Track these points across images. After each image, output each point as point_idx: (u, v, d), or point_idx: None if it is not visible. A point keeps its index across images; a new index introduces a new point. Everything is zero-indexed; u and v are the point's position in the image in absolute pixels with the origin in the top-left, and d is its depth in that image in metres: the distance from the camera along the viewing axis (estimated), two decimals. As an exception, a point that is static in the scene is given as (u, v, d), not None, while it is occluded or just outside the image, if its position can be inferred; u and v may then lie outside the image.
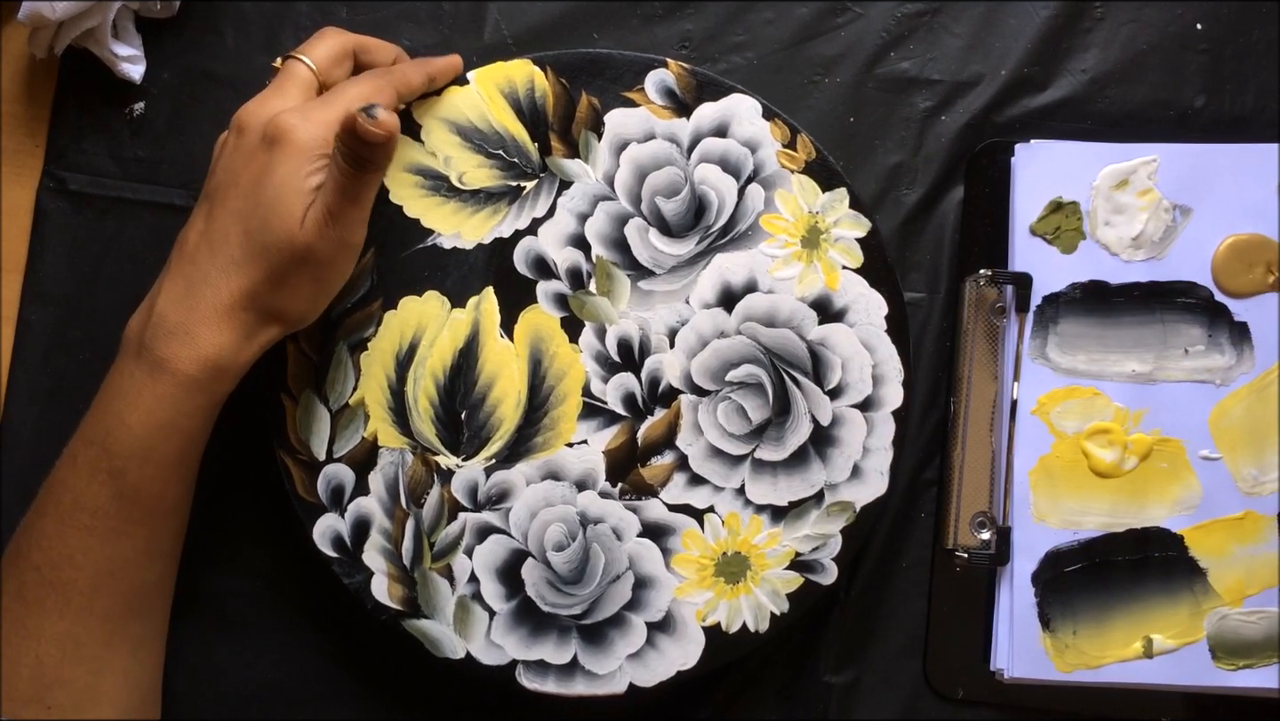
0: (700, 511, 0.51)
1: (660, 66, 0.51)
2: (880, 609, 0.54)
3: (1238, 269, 0.53)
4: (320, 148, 0.44)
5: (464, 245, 0.51)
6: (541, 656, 0.50)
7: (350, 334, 0.50)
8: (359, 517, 0.50)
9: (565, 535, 0.51)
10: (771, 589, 0.51)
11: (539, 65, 0.51)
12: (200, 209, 0.46)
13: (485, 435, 0.51)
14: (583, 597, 0.51)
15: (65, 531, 0.45)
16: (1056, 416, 0.53)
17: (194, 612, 0.53)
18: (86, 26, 0.51)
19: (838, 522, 0.51)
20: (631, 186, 0.51)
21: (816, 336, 0.51)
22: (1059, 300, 0.53)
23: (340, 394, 0.50)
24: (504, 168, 0.51)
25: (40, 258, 0.54)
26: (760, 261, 0.51)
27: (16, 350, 0.54)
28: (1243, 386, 0.53)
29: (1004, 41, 0.54)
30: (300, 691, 0.53)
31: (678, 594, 0.51)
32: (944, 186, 0.54)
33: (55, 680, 0.45)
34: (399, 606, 0.50)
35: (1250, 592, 0.53)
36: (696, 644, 0.51)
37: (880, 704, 0.54)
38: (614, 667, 0.50)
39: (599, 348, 0.51)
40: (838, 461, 0.51)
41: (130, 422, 0.44)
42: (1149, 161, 0.53)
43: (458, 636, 0.50)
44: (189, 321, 0.44)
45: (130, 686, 0.47)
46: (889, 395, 0.51)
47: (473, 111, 0.51)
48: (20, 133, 0.54)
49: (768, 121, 0.51)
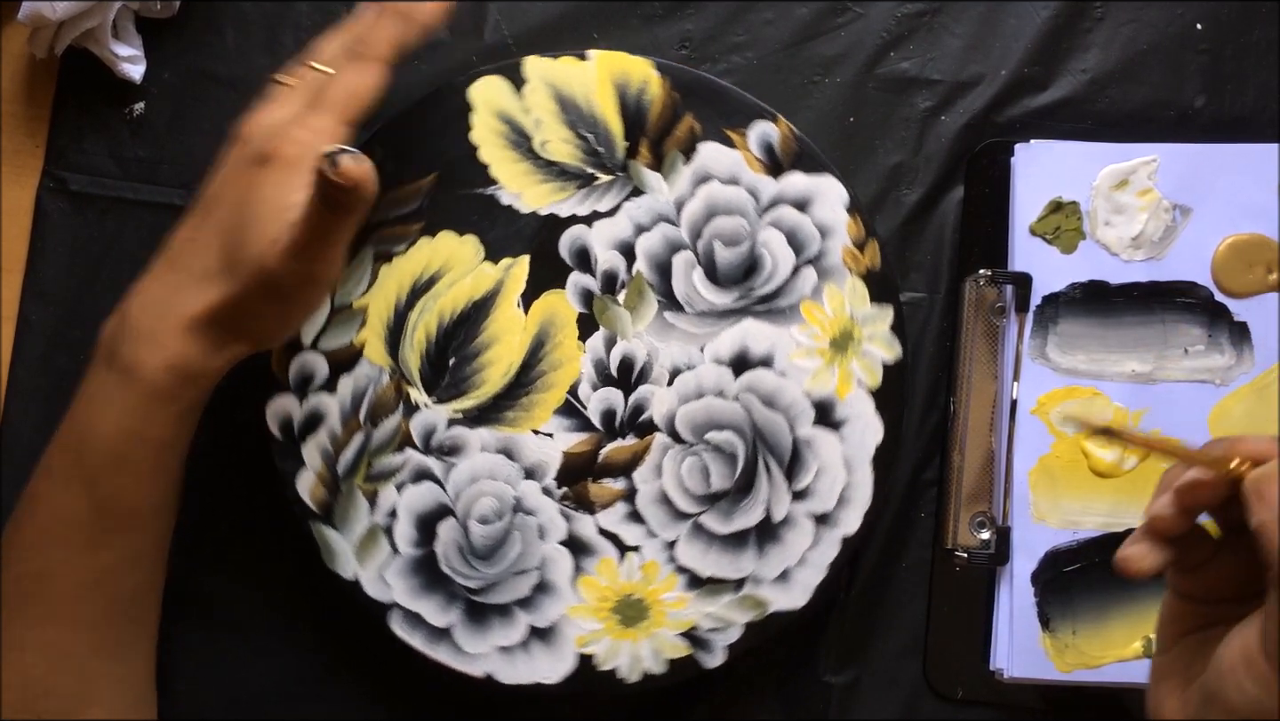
0: (626, 546, 0.51)
1: (770, 120, 0.51)
2: (880, 609, 0.54)
3: (1238, 269, 0.53)
4: (311, 163, 0.42)
5: (520, 207, 0.51)
6: (421, 611, 0.50)
7: (381, 242, 0.50)
8: (315, 411, 0.50)
9: (494, 511, 0.51)
10: (656, 648, 0.50)
11: (660, 71, 0.51)
12: (193, 213, 0.45)
13: (463, 388, 0.51)
14: (483, 576, 0.50)
15: (44, 542, 0.44)
16: (1056, 416, 0.53)
17: (193, 613, 0.53)
18: (86, 26, 0.51)
19: (746, 615, 0.51)
20: (697, 220, 0.51)
21: (805, 435, 0.51)
22: (1059, 300, 0.53)
23: (347, 292, 0.50)
24: (587, 152, 0.51)
25: (40, 258, 0.54)
26: (785, 342, 0.51)
27: (16, 350, 0.54)
28: (1243, 386, 0.53)
29: (1004, 41, 0.54)
30: (299, 691, 0.53)
31: (570, 612, 0.50)
32: (944, 186, 0.54)
33: (44, 689, 0.44)
34: (315, 508, 0.50)
35: (1250, 592, 0.53)
36: (566, 664, 0.50)
37: (880, 704, 0.54)
38: (482, 651, 0.50)
39: (602, 356, 0.51)
40: (772, 559, 0.51)
41: (101, 431, 0.43)
42: (1149, 161, 0.53)
43: (356, 560, 0.50)
44: (159, 329, 0.43)
45: (121, 692, 0.47)
46: (847, 519, 0.51)
47: (580, 88, 0.51)
48: (20, 133, 0.54)
49: (848, 215, 0.51)
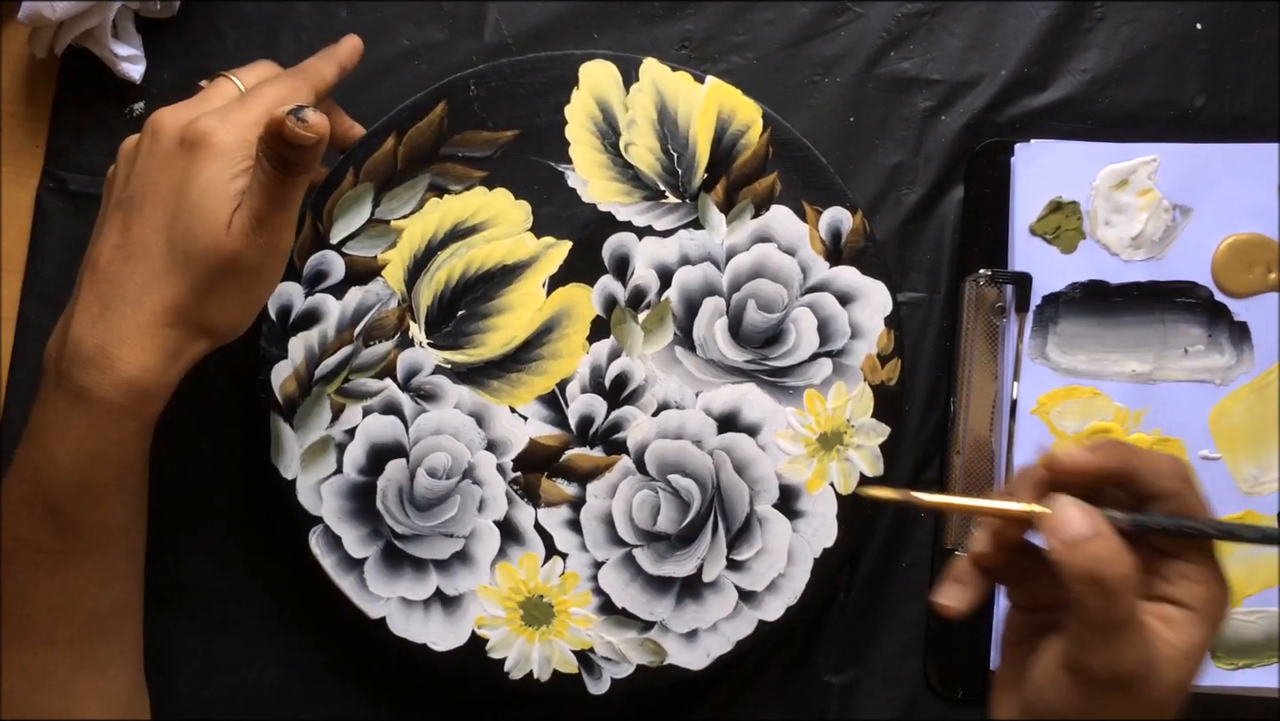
0: (555, 550, 0.51)
1: (851, 210, 0.51)
2: (880, 609, 0.54)
3: (1238, 269, 0.53)
4: (242, 149, 0.42)
5: (582, 194, 0.51)
6: (342, 536, 0.50)
7: (442, 175, 0.51)
8: (315, 309, 0.50)
9: (444, 469, 0.51)
10: (547, 655, 0.50)
11: (766, 121, 0.51)
12: (111, 221, 0.43)
13: (461, 342, 0.51)
14: (412, 525, 0.50)
15: (11, 569, 0.44)
16: (1056, 416, 0.53)
17: (192, 613, 0.53)
18: (86, 26, 0.51)
19: (642, 657, 0.51)
20: (741, 275, 0.51)
21: (762, 512, 0.51)
22: (1059, 300, 0.53)
23: (390, 209, 0.50)
24: (666, 169, 0.51)
25: (40, 257, 0.54)
26: (778, 419, 0.51)
27: (16, 350, 0.54)
28: (1243, 386, 0.53)
29: (1004, 41, 0.54)
30: (299, 691, 0.53)
31: (480, 592, 0.50)
32: (944, 186, 0.54)
33: (27, 711, 0.44)
34: (280, 400, 0.50)
35: (1250, 592, 0.53)
36: (458, 637, 0.50)
37: (880, 704, 0.54)
38: (385, 596, 0.50)
39: (601, 364, 0.51)
40: (687, 616, 0.51)
41: (58, 456, 0.42)
42: (1149, 161, 0.53)
43: (300, 463, 0.50)
44: (108, 344, 0.41)
45: (107, 706, 0.46)
46: (771, 604, 0.51)
47: (685, 106, 0.51)
48: (20, 133, 0.54)
49: (885, 326, 0.51)
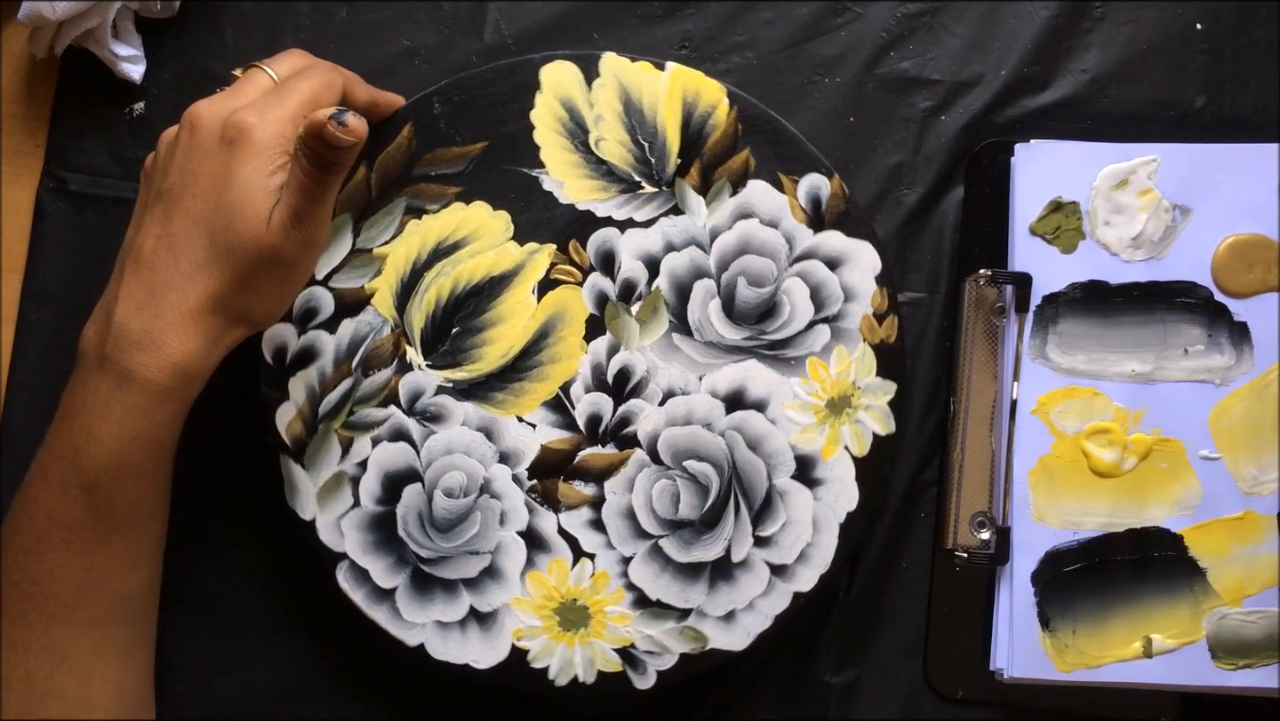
0: (582, 552, 0.51)
1: (827, 175, 0.51)
2: (880, 609, 0.54)
3: (1238, 269, 0.53)
4: (280, 145, 0.43)
5: (560, 196, 0.51)
6: (369, 569, 0.50)
7: (417, 196, 0.50)
8: (311, 346, 0.50)
9: (461, 487, 0.50)
10: (589, 657, 0.50)
11: (731, 100, 0.51)
12: (153, 212, 0.44)
13: (459, 359, 0.51)
14: (437, 547, 0.50)
15: (42, 547, 0.44)
16: (1056, 416, 0.53)
17: (192, 613, 0.53)
18: (86, 26, 0.51)
19: (684, 645, 0.51)
20: (727, 254, 0.51)
21: (781, 486, 0.51)
22: (1059, 300, 0.53)
23: (370, 237, 0.50)
24: (639, 160, 0.51)
25: (40, 257, 0.54)
26: (783, 391, 0.51)
27: (16, 350, 0.54)
28: (1243, 386, 0.53)
29: (1004, 41, 0.54)
30: (299, 691, 0.53)
31: (514, 603, 0.50)
32: (944, 186, 0.54)
33: (46, 692, 0.45)
34: (288, 442, 0.50)
35: (1250, 592, 0.53)
36: (499, 653, 0.50)
37: (880, 704, 0.54)
38: (419, 621, 0.50)
39: (602, 361, 0.51)
40: (722, 598, 0.51)
41: (100, 436, 0.43)
42: (1149, 161, 0.53)
43: (316, 502, 0.50)
44: (154, 329, 0.43)
45: (122, 694, 0.47)
46: (804, 575, 0.51)
47: (649, 96, 0.51)
48: (20, 133, 0.54)
49: (877, 285, 0.51)
